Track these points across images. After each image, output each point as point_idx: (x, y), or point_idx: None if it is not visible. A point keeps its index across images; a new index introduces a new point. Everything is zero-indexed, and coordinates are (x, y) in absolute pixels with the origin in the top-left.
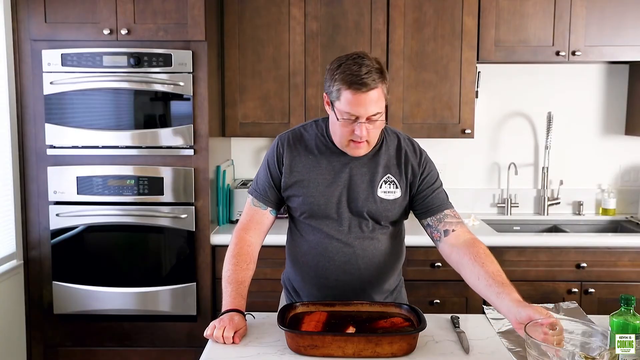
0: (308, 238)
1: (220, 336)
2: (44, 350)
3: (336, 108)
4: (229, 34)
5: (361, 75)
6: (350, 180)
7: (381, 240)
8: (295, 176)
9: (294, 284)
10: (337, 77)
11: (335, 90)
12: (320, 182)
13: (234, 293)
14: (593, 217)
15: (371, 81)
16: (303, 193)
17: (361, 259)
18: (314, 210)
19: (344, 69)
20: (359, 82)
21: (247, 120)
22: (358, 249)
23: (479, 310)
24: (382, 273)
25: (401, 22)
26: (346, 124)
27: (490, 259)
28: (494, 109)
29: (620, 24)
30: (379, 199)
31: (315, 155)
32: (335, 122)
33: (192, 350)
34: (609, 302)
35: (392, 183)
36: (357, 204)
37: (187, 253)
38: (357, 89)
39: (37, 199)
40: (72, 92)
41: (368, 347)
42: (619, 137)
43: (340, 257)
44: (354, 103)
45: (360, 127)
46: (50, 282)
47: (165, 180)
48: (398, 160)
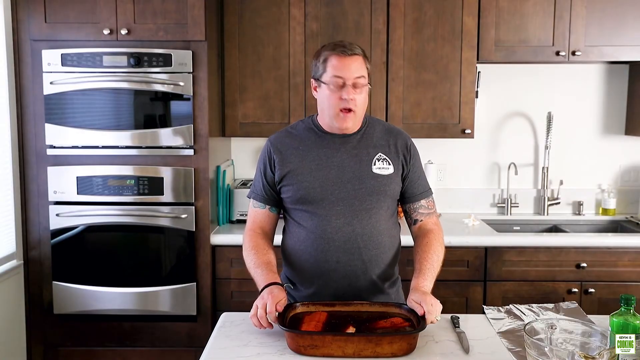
0: (305, 224)
1: (264, 316)
2: (44, 350)
3: (324, 80)
4: (229, 34)
5: (344, 43)
6: (342, 162)
7: (379, 220)
8: (287, 167)
9: (293, 280)
10: (323, 51)
11: (322, 63)
12: (313, 168)
13: (264, 272)
14: (593, 217)
15: (354, 48)
16: (297, 180)
17: (360, 236)
18: (310, 195)
19: (327, 46)
20: (343, 47)
21: (247, 120)
22: (357, 227)
23: (479, 310)
24: (382, 253)
25: (401, 22)
26: (335, 91)
27: (428, 247)
28: (494, 109)
29: (620, 24)
30: (374, 174)
31: (305, 144)
32: (324, 98)
33: (192, 350)
34: (609, 302)
35: (385, 160)
36: (353, 182)
37: (187, 253)
38: (342, 51)
39: (37, 199)
40: (72, 92)
41: (368, 347)
42: (619, 137)
43: (339, 237)
44: (341, 66)
45: (347, 90)
46: (50, 282)
47: (165, 180)
48: (388, 140)
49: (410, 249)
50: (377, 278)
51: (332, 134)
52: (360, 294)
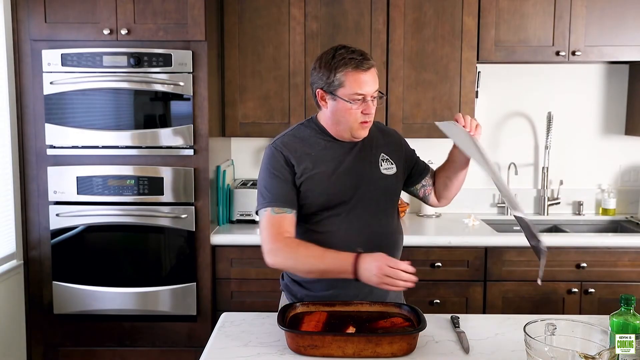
0: (324, 230)
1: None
2: (44, 350)
3: (342, 94)
4: (229, 34)
5: (359, 58)
6: (354, 165)
7: (393, 219)
8: (305, 173)
9: (305, 282)
10: (338, 65)
11: (339, 76)
12: (329, 173)
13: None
14: (593, 217)
15: (368, 59)
16: (316, 186)
17: (379, 237)
18: (331, 200)
19: (339, 57)
20: (362, 62)
21: (247, 120)
22: (376, 227)
23: (479, 310)
24: (397, 251)
25: (401, 22)
26: (358, 106)
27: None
28: (494, 109)
29: (620, 24)
30: (384, 175)
31: (316, 150)
32: (342, 112)
33: (192, 350)
34: (609, 302)
35: (388, 160)
36: (369, 185)
37: (187, 253)
38: (362, 69)
39: (37, 199)
40: (72, 92)
41: (368, 347)
42: (619, 137)
43: (360, 239)
44: (363, 82)
45: (368, 105)
46: (50, 282)
47: (165, 180)
48: (385, 140)
49: (410, 249)
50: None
51: (340, 140)
52: (382, 296)
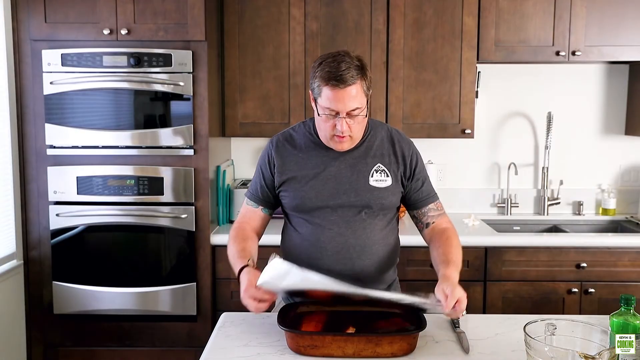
0: (301, 231)
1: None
2: (44, 350)
3: (318, 104)
4: (229, 34)
5: (339, 72)
6: (339, 172)
7: (374, 230)
8: (287, 174)
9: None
10: (318, 75)
11: (317, 87)
12: (310, 177)
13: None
14: (593, 217)
15: (349, 77)
16: (294, 188)
17: (353, 248)
18: (305, 204)
19: (324, 66)
20: (337, 79)
21: (247, 120)
22: (350, 237)
23: (479, 310)
24: (376, 263)
25: (401, 22)
26: (327, 120)
27: (448, 242)
28: (494, 109)
29: (620, 24)
30: (371, 187)
31: (304, 152)
32: (317, 119)
33: (192, 350)
34: (609, 302)
35: (383, 172)
36: (349, 194)
37: (187, 253)
38: (334, 85)
39: (37, 199)
40: (72, 92)
41: (368, 347)
42: (619, 137)
43: (332, 247)
44: (333, 99)
45: (340, 122)
46: (50, 282)
47: (165, 180)
48: (390, 149)
49: (410, 249)
50: (369, 287)
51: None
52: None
